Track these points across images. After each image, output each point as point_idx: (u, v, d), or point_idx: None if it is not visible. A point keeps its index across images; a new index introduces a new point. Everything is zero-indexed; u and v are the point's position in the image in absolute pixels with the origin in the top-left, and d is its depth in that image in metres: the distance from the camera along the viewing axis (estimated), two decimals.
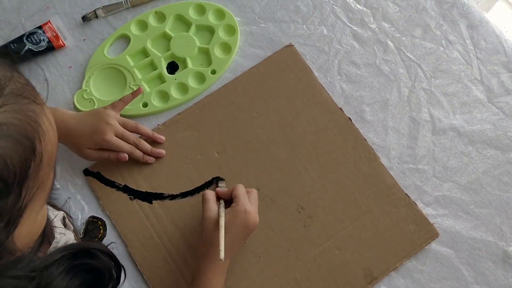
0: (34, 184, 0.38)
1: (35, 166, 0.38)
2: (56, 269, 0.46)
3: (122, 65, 0.82)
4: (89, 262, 0.50)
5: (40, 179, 0.39)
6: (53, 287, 0.45)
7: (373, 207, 0.74)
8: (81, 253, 0.51)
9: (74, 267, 0.48)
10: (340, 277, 0.71)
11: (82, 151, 0.73)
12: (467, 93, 0.82)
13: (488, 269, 0.73)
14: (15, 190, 0.36)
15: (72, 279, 0.48)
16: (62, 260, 0.48)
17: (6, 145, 0.35)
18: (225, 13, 0.85)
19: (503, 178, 0.77)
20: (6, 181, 0.35)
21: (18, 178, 0.36)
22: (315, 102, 0.80)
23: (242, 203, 0.67)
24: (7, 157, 0.35)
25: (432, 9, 0.86)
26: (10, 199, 0.36)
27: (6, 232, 0.37)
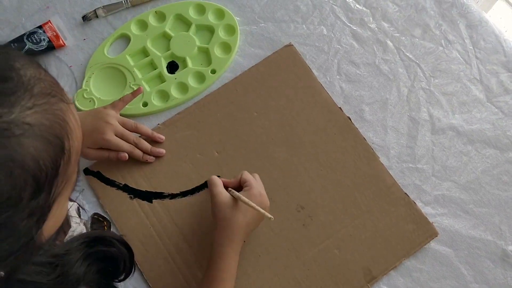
0: (63, 180, 0.39)
1: (64, 164, 0.38)
2: (74, 256, 0.48)
3: (122, 64, 0.82)
4: (105, 249, 0.53)
5: (68, 175, 0.40)
6: (72, 273, 0.47)
7: (372, 207, 0.75)
8: (98, 240, 0.53)
9: (91, 254, 0.51)
10: (340, 276, 0.71)
11: (82, 150, 0.73)
12: (466, 93, 0.82)
13: (487, 268, 0.73)
14: (46, 189, 0.37)
15: (89, 266, 0.50)
16: (80, 247, 0.50)
17: (38, 146, 0.35)
18: (225, 12, 0.86)
19: (502, 178, 0.77)
20: (39, 181, 0.36)
21: (49, 177, 0.37)
22: (315, 102, 0.80)
23: (255, 186, 0.68)
24: (40, 159, 0.35)
25: (432, 9, 0.87)
26: (42, 197, 0.37)
27: (36, 228, 0.38)
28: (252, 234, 0.72)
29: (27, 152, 0.34)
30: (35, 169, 0.35)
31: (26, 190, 0.35)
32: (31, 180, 0.35)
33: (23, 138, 0.34)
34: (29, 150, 0.34)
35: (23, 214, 0.35)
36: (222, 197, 0.68)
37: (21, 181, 0.34)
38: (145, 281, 0.71)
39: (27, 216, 0.36)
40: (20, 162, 0.34)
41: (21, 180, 0.34)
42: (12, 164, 0.34)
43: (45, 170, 0.36)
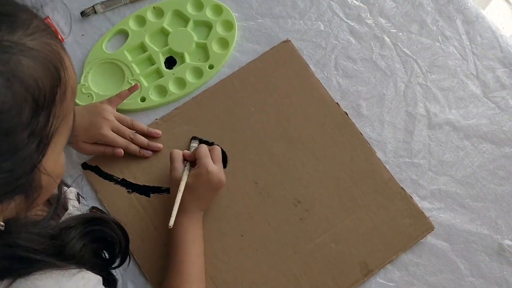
0: (60, 114, 0.41)
1: (60, 95, 0.40)
2: (71, 233, 0.50)
3: (120, 60, 0.83)
4: (102, 229, 0.55)
5: (64, 110, 0.41)
6: (69, 248, 0.49)
7: (369, 201, 0.75)
8: (95, 220, 0.55)
9: (88, 233, 0.53)
10: (336, 270, 0.72)
11: (78, 145, 0.74)
12: (463, 88, 0.82)
13: (483, 262, 0.73)
14: (45, 113, 0.39)
15: (85, 245, 0.52)
16: (77, 226, 0.52)
17: (37, 68, 0.37)
18: (222, 8, 0.86)
19: (498, 172, 0.78)
20: (37, 101, 0.37)
21: (47, 100, 0.38)
22: (312, 97, 0.81)
23: (203, 163, 0.69)
24: (38, 79, 0.37)
25: (428, 5, 0.87)
26: (41, 120, 0.38)
27: (37, 155, 0.39)
28: (249, 227, 0.73)
29: (27, 70, 0.36)
30: (34, 87, 0.37)
31: (25, 107, 0.37)
32: (30, 98, 0.37)
33: (24, 57, 0.37)
34: (29, 70, 0.37)
35: (24, 132, 0.37)
36: (176, 173, 0.70)
37: (21, 97, 0.36)
38: (143, 274, 0.72)
39: (28, 136, 0.37)
40: (20, 78, 0.36)
41: (21, 96, 0.36)
42: (13, 78, 0.36)
43: (43, 91, 0.38)
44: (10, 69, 0.36)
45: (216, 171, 0.69)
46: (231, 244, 0.73)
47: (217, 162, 0.71)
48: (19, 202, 0.42)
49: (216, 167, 0.70)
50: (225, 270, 0.72)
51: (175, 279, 0.66)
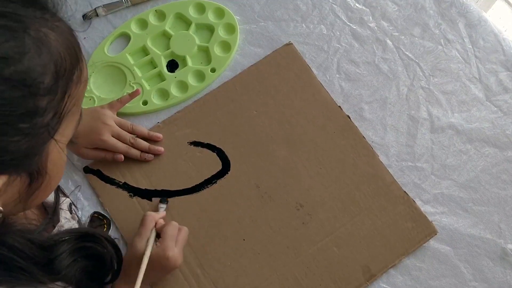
0: (74, 96, 0.43)
1: (77, 76, 0.43)
2: (63, 247, 0.49)
3: (122, 63, 0.83)
4: (93, 246, 0.53)
5: (77, 94, 0.44)
6: (57, 262, 0.48)
7: (371, 205, 0.75)
8: (87, 237, 0.54)
9: (79, 249, 0.51)
10: (339, 274, 0.71)
11: (78, 150, 0.74)
12: (466, 92, 0.82)
13: (487, 266, 0.73)
14: (63, 86, 0.42)
15: (75, 261, 0.50)
16: (69, 240, 0.51)
17: (62, 42, 0.41)
18: (224, 11, 0.86)
19: (502, 176, 0.77)
20: (59, 71, 0.41)
21: (66, 74, 0.42)
22: (314, 100, 0.81)
23: (166, 246, 0.65)
24: (61, 52, 0.41)
25: (431, 8, 0.87)
26: (59, 92, 0.41)
27: (50, 129, 0.42)
28: (251, 231, 0.73)
29: (54, 42, 0.41)
30: (57, 58, 0.41)
31: (48, 73, 0.40)
32: (53, 66, 0.40)
33: (53, 32, 0.41)
34: (56, 43, 0.41)
35: (44, 97, 0.40)
36: (139, 240, 0.66)
37: (46, 62, 0.40)
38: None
39: (47, 103, 0.40)
40: (48, 46, 0.40)
41: (47, 61, 0.40)
42: (41, 45, 0.40)
43: (64, 65, 0.41)
44: (40, 36, 0.40)
45: (175, 257, 0.65)
46: (233, 247, 0.73)
47: (179, 245, 0.67)
48: (22, 185, 0.43)
49: (177, 252, 0.66)
50: (227, 274, 0.71)
51: None
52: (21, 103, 0.38)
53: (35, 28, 0.40)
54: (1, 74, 0.37)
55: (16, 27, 0.38)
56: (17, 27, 0.39)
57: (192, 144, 0.78)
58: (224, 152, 0.77)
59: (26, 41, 0.39)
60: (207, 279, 0.71)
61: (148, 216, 0.69)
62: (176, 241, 0.67)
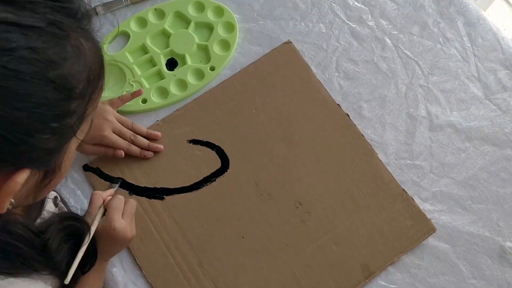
0: (94, 101, 0.46)
1: (100, 84, 0.47)
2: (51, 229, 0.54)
3: (122, 61, 0.83)
4: (74, 224, 0.59)
5: (96, 102, 0.47)
6: (49, 245, 0.53)
7: (370, 203, 0.75)
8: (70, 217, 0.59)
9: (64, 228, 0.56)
10: (338, 271, 0.72)
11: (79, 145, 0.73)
12: (464, 90, 0.82)
13: (485, 264, 0.73)
14: (90, 92, 0.45)
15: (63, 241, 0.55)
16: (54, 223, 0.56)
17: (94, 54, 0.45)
18: (224, 10, 0.86)
19: (500, 174, 0.77)
20: (89, 76, 0.44)
21: (94, 81, 0.45)
22: (313, 99, 0.81)
23: (110, 218, 0.65)
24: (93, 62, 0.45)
25: (430, 7, 0.87)
26: (86, 97, 0.44)
27: (75, 128, 0.44)
28: (250, 229, 0.73)
29: (89, 51, 0.44)
30: (90, 63, 0.44)
31: (82, 79, 0.43)
32: (87, 73, 0.43)
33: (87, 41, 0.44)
34: (90, 51, 0.44)
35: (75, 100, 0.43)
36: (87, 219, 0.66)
37: (83, 68, 0.43)
38: (144, 276, 0.72)
39: (75, 107, 0.43)
40: (84, 54, 0.43)
41: (83, 67, 0.43)
42: (80, 53, 0.43)
43: (94, 72, 0.45)
44: (78, 45, 0.43)
45: (122, 228, 0.65)
46: (232, 245, 0.73)
47: (127, 217, 0.67)
48: (37, 180, 0.45)
49: (123, 223, 0.65)
50: (226, 271, 0.71)
51: None
52: (58, 104, 0.41)
53: (75, 37, 0.42)
54: (47, 75, 0.39)
55: (60, 35, 0.41)
56: (61, 35, 0.41)
57: (191, 142, 0.78)
58: (223, 150, 0.78)
59: (67, 49, 0.41)
60: (206, 277, 0.71)
61: (95, 194, 0.69)
62: (123, 213, 0.67)
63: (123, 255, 0.72)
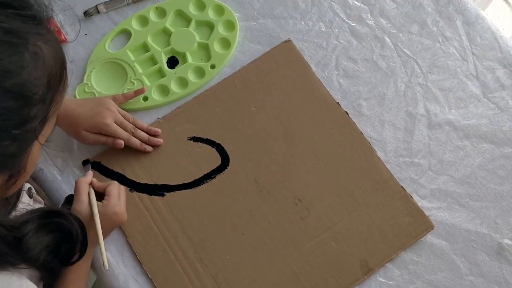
0: (57, 101, 0.47)
1: (63, 85, 0.47)
2: (28, 227, 0.53)
3: (123, 59, 0.83)
4: (59, 221, 0.58)
5: (60, 101, 0.48)
6: (25, 241, 0.52)
7: (369, 200, 0.75)
8: (52, 214, 0.58)
9: (45, 225, 0.55)
10: (337, 268, 0.72)
11: (79, 133, 0.74)
12: (463, 88, 0.83)
13: (483, 261, 0.74)
14: (51, 95, 0.45)
15: (42, 237, 0.55)
16: (33, 219, 0.55)
17: (53, 54, 0.45)
18: (224, 9, 0.87)
19: (498, 172, 0.78)
20: (50, 82, 0.44)
21: (55, 84, 0.45)
22: (313, 97, 0.81)
23: (113, 204, 0.69)
24: (53, 64, 0.45)
25: (429, 6, 0.88)
26: (47, 100, 0.45)
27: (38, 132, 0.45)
28: (250, 227, 0.73)
29: (47, 55, 0.44)
30: (50, 68, 0.44)
31: (42, 84, 0.43)
32: (47, 78, 0.44)
33: (46, 45, 0.44)
34: (49, 55, 0.44)
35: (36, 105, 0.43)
36: (81, 206, 0.67)
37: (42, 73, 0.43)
38: (145, 272, 0.72)
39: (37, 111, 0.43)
40: (43, 58, 0.43)
41: (42, 72, 0.43)
42: (37, 57, 0.43)
43: (55, 76, 0.45)
44: (36, 51, 0.43)
45: (122, 212, 0.70)
46: (232, 242, 0.73)
47: (122, 202, 0.71)
48: (2, 180, 0.46)
49: (123, 208, 0.70)
50: (226, 268, 0.72)
51: None
52: (17, 112, 0.42)
53: (33, 42, 0.42)
54: (4, 85, 0.40)
55: (18, 43, 0.41)
56: (19, 43, 0.41)
57: (191, 139, 0.79)
58: (223, 147, 0.78)
59: (25, 56, 0.42)
60: (206, 273, 0.72)
61: (80, 182, 0.70)
62: (119, 199, 0.71)
63: (123, 250, 0.73)
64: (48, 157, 0.77)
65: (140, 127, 0.78)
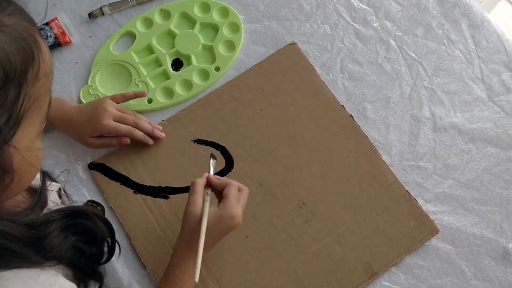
0: (31, 94, 0.42)
1: (33, 74, 0.42)
2: (52, 226, 0.50)
3: (128, 61, 0.83)
4: (84, 222, 0.54)
5: (36, 92, 0.43)
6: (48, 240, 0.49)
7: (373, 203, 0.75)
8: (77, 214, 0.54)
9: (69, 226, 0.52)
10: (341, 272, 0.72)
11: (85, 140, 0.75)
12: (468, 92, 0.83)
13: (488, 265, 0.73)
14: (15, 88, 0.40)
15: (66, 238, 0.51)
16: (58, 218, 0.51)
17: (10, 43, 0.40)
18: (229, 11, 0.86)
19: (503, 176, 0.78)
20: (8, 74, 0.39)
21: (18, 76, 0.40)
22: (318, 99, 0.81)
23: (230, 207, 0.63)
24: (10, 53, 0.39)
25: (434, 9, 0.87)
26: (10, 95, 0.40)
27: (6, 131, 0.41)
28: (254, 229, 0.73)
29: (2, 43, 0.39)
30: (4, 60, 0.39)
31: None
32: (1, 70, 0.39)
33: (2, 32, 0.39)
34: (2, 44, 0.39)
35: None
36: (194, 208, 0.64)
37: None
38: (148, 275, 0.72)
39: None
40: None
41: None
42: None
43: (14, 66, 0.40)
44: None
45: (239, 216, 0.64)
46: (236, 245, 0.73)
47: (242, 205, 0.65)
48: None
49: (240, 211, 0.64)
50: (230, 270, 0.72)
51: None
52: None
53: None
54: None
55: None
56: None
57: (196, 142, 0.79)
58: (227, 150, 0.78)
59: None
60: (210, 276, 0.72)
61: (197, 184, 0.66)
62: (238, 201, 0.65)
63: (127, 253, 0.73)
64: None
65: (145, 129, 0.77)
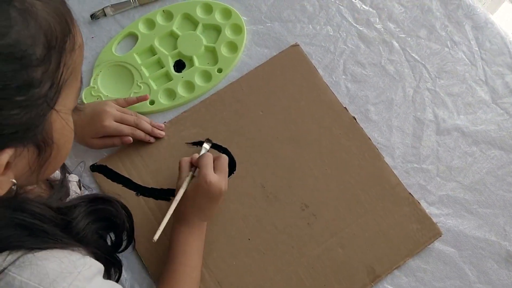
0: (69, 65, 0.44)
1: (70, 45, 0.43)
2: (76, 211, 0.52)
3: (130, 63, 0.83)
4: (106, 208, 0.57)
5: (73, 63, 0.44)
6: (74, 225, 0.51)
7: (376, 206, 0.75)
8: (99, 200, 0.57)
9: (93, 211, 0.54)
10: (343, 274, 0.72)
11: (87, 141, 0.75)
12: (472, 94, 0.82)
13: (491, 268, 0.73)
14: (56, 56, 0.42)
15: (89, 223, 0.53)
16: (81, 204, 0.53)
17: (50, 13, 0.41)
18: (232, 12, 0.86)
19: (507, 179, 0.77)
20: (50, 41, 0.41)
21: (58, 44, 0.42)
22: (320, 101, 0.81)
23: (203, 173, 0.67)
24: (51, 23, 0.41)
25: (438, 10, 0.87)
26: (52, 62, 0.41)
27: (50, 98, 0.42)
28: (256, 231, 0.73)
29: (41, 13, 0.41)
30: (46, 28, 0.41)
31: (39, 44, 0.40)
32: (43, 37, 0.40)
33: (39, 1, 0.41)
34: (43, 13, 0.41)
35: (38, 68, 0.40)
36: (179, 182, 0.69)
37: (35, 32, 0.40)
38: (150, 276, 0.72)
39: (41, 74, 0.40)
40: (35, 17, 0.40)
41: (35, 32, 0.40)
42: (28, 16, 0.39)
43: (55, 35, 0.41)
44: (25, 7, 0.39)
45: (216, 181, 0.67)
46: (238, 247, 0.73)
47: (220, 172, 0.69)
48: (31, 156, 0.44)
49: (216, 177, 0.67)
50: (232, 273, 0.72)
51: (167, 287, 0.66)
52: (14, 76, 0.39)
53: None
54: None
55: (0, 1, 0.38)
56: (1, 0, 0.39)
57: (197, 144, 0.78)
58: (230, 152, 0.78)
59: (11, 14, 0.38)
60: (212, 278, 0.71)
61: (182, 159, 0.71)
62: (215, 168, 0.69)
63: (129, 255, 0.73)
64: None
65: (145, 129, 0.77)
